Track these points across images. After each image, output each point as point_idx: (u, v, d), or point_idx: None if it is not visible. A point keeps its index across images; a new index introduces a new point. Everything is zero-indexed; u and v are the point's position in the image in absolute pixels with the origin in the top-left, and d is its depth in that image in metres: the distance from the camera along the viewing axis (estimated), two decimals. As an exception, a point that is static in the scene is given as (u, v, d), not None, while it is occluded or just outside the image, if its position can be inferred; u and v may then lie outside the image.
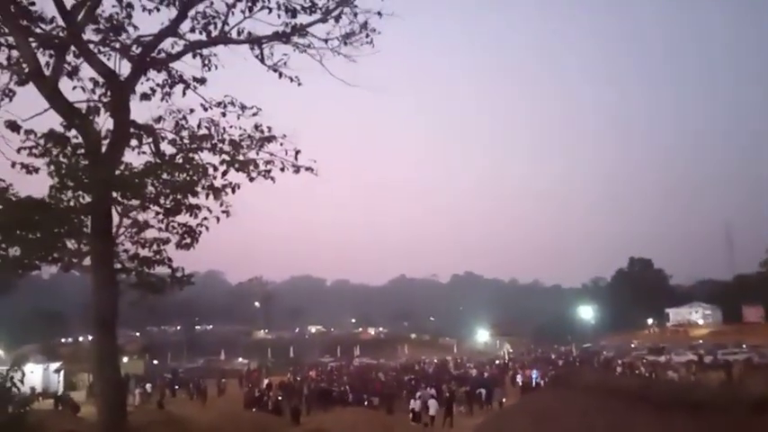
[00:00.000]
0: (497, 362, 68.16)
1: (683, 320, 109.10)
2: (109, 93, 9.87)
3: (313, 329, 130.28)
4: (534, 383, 38.74)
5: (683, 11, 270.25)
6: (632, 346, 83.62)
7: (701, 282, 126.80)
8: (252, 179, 10.22)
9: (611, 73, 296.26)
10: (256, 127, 10.17)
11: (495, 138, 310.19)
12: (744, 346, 62.93)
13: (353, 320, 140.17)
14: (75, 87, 9.98)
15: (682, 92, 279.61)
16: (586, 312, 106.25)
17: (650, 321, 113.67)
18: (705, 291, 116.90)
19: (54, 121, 9.26)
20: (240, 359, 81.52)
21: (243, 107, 10.26)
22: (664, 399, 8.94)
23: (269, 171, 10.28)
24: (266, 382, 43.83)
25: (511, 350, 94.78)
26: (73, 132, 9.31)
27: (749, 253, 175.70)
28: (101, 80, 9.91)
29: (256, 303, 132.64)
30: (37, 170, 9.28)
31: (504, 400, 32.36)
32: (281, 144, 10.15)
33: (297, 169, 10.24)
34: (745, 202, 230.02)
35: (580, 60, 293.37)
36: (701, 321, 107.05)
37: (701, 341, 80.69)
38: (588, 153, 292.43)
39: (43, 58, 9.30)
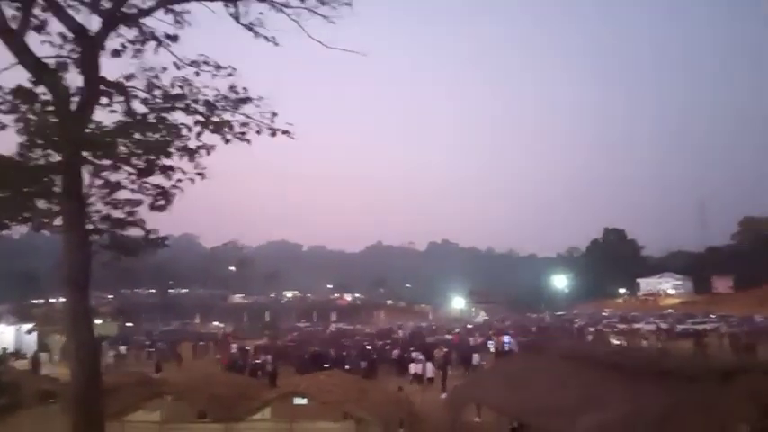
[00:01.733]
0: (469, 326, 69.85)
1: (653, 290, 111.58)
2: (78, 48, 9.55)
3: (289, 294, 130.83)
4: (507, 349, 39.29)
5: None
6: (604, 314, 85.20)
7: (672, 253, 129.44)
8: (227, 141, 10.03)
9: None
10: (231, 88, 9.94)
11: (475, 111, 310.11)
12: (712, 315, 64.52)
13: (330, 286, 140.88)
14: (43, 42, 9.61)
15: (667, 60, 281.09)
16: (560, 281, 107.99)
17: (622, 291, 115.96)
18: (677, 262, 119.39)
19: (22, 76, 8.98)
20: (216, 323, 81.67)
21: (218, 67, 9.98)
22: (634, 366, 9.12)
23: (244, 133, 10.09)
24: (234, 345, 44.07)
25: (486, 317, 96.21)
26: (42, 89, 9.02)
27: (721, 226, 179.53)
28: (70, 35, 9.57)
29: (232, 268, 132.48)
30: (4, 127, 8.99)
31: (483, 363, 33.20)
32: (258, 106, 9.95)
33: (273, 132, 10.06)
34: (720, 176, 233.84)
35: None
36: (671, 291, 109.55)
37: (671, 310, 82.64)
38: (569, 125, 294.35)
39: (9, 10, 8.96)
